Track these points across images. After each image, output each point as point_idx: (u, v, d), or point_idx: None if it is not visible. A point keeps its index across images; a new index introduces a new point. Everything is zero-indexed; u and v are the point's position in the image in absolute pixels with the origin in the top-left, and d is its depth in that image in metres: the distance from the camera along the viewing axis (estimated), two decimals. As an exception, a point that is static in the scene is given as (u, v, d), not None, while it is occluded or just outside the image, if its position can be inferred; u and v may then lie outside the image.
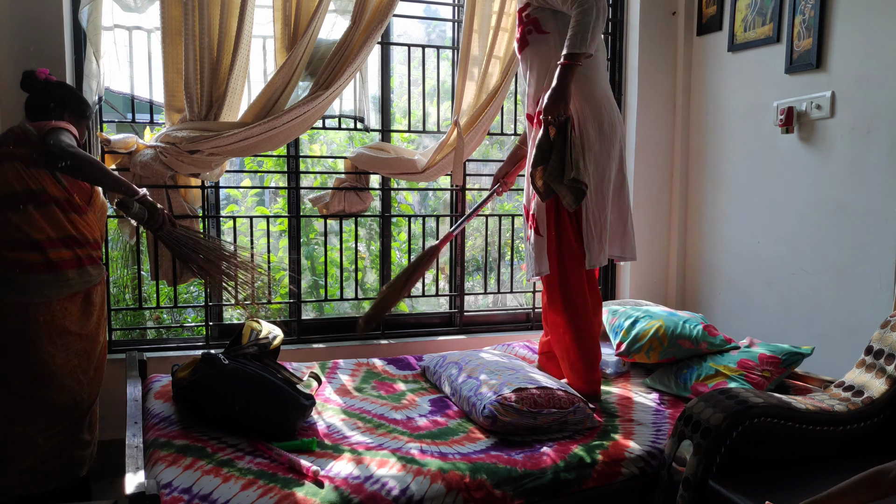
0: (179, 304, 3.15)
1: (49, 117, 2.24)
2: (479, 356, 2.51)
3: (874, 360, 1.99)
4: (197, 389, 1.98)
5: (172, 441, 1.89)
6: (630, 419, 2.23)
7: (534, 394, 2.10)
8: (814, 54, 2.70)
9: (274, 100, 2.66)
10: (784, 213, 2.89)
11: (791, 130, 2.81)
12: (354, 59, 2.72)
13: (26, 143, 2.16)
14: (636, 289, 3.49)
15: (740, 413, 1.75)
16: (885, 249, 2.46)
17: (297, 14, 2.70)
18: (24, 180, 2.12)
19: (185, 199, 2.88)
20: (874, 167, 2.51)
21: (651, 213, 3.49)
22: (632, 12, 3.42)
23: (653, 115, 3.44)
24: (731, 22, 3.12)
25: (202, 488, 1.65)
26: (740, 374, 2.36)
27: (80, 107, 2.35)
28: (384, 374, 2.60)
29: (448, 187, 3.40)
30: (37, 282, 2.10)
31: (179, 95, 2.63)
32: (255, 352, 2.13)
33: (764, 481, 1.72)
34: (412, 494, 1.70)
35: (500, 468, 1.83)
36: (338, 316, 3.38)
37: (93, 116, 2.43)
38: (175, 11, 2.55)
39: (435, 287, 3.56)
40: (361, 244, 3.96)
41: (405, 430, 2.09)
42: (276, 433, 1.94)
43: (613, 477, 1.91)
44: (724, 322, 3.16)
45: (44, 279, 2.11)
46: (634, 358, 2.63)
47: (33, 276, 2.10)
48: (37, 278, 2.10)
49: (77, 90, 2.46)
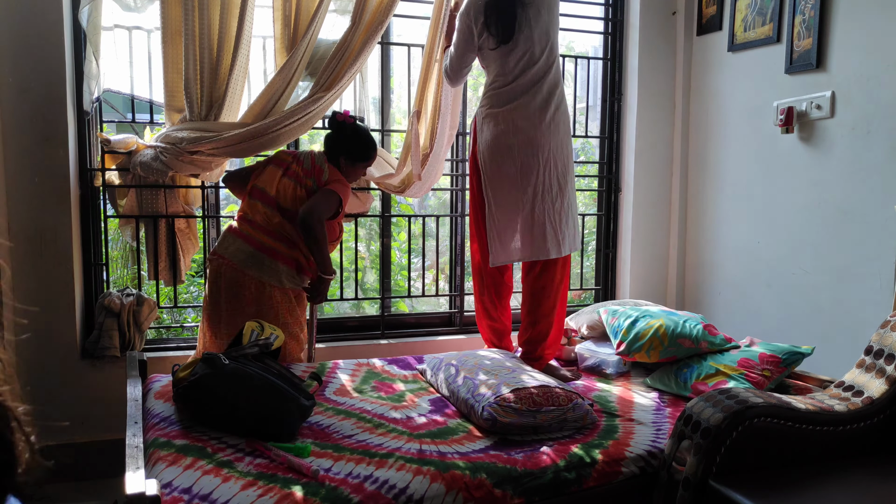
0: (179, 304, 3.15)
1: (338, 165, 2.63)
2: (477, 356, 2.51)
3: (874, 360, 1.99)
4: (197, 389, 1.97)
5: (172, 441, 1.89)
6: (630, 418, 2.23)
7: (532, 392, 2.10)
8: (814, 54, 2.70)
9: (274, 100, 2.66)
10: (784, 213, 2.89)
11: (791, 130, 2.81)
12: (355, 60, 2.72)
13: (315, 178, 2.55)
14: (636, 289, 3.49)
15: (740, 413, 1.75)
16: (885, 249, 2.46)
17: (297, 14, 2.70)
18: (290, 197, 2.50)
19: (186, 200, 2.89)
20: (874, 167, 2.51)
21: (651, 213, 3.49)
22: (632, 12, 3.42)
23: (653, 115, 3.44)
24: (731, 22, 3.12)
25: (202, 488, 1.65)
26: (741, 373, 2.36)
27: (362, 155, 2.67)
28: (384, 374, 2.60)
29: (448, 187, 3.40)
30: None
31: (179, 95, 2.63)
32: (255, 352, 2.13)
33: (764, 481, 1.72)
34: (412, 494, 1.70)
35: (500, 467, 1.83)
36: (338, 316, 3.38)
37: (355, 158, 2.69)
38: (175, 11, 2.55)
39: (435, 287, 3.56)
40: (361, 244, 3.96)
41: (405, 429, 2.09)
42: (277, 433, 1.94)
43: (614, 476, 1.91)
44: (724, 322, 3.15)
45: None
46: (635, 357, 2.63)
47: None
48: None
49: (366, 135, 2.69)
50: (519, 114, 2.59)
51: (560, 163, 2.64)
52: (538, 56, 2.59)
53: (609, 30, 3.51)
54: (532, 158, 2.59)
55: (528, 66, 2.59)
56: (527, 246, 2.63)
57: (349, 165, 2.65)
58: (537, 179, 2.60)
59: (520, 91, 2.59)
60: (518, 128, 2.59)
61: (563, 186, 2.66)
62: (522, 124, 2.58)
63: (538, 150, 2.59)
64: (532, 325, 2.72)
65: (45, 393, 2.66)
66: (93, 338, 2.69)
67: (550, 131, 2.60)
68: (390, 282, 3.33)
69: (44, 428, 2.20)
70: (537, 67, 2.59)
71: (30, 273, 2.60)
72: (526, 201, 2.61)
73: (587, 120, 3.78)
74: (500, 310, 2.86)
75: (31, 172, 2.57)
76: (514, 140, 2.59)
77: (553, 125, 2.61)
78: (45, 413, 2.81)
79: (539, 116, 2.59)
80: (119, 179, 2.76)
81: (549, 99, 2.61)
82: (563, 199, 2.66)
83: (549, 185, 2.62)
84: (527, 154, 2.59)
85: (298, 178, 2.54)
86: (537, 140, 2.59)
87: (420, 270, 3.69)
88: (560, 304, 2.76)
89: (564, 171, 2.66)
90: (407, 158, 2.91)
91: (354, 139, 2.65)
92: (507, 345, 2.88)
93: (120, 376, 2.67)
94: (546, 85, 2.61)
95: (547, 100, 2.61)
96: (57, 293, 2.64)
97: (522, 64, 2.59)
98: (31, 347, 2.63)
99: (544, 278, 2.70)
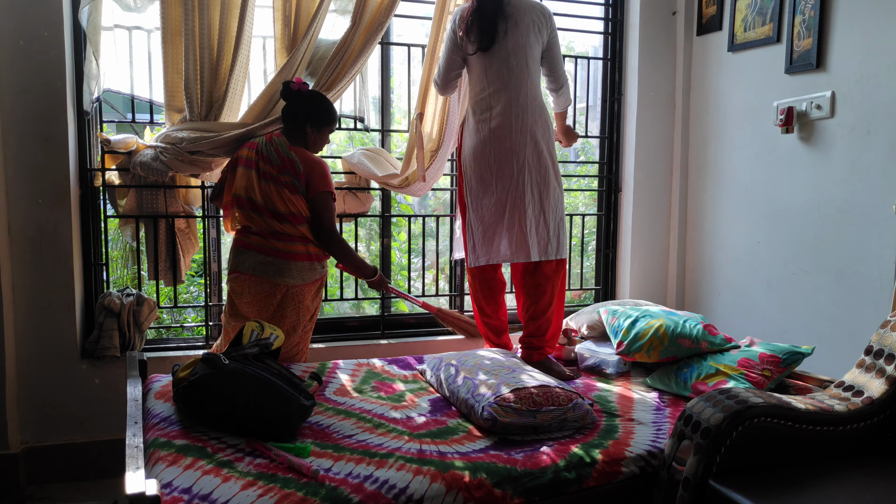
0: (179, 304, 3.16)
1: (304, 137, 2.55)
2: (477, 355, 2.51)
3: (874, 360, 1.99)
4: (197, 389, 1.97)
5: (172, 441, 1.89)
6: (630, 418, 2.23)
7: (532, 392, 2.10)
8: (814, 54, 2.70)
9: (274, 101, 2.66)
10: (784, 214, 2.89)
11: (791, 130, 2.81)
12: (355, 61, 2.72)
13: (291, 173, 2.48)
14: (636, 289, 3.49)
15: (740, 413, 1.75)
16: (885, 249, 2.46)
17: (298, 14, 2.70)
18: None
19: (185, 200, 2.89)
20: (874, 167, 2.51)
21: (651, 213, 3.49)
22: (632, 12, 3.42)
23: (653, 115, 3.44)
24: (731, 22, 3.12)
25: (202, 488, 1.65)
26: (741, 372, 2.36)
27: (327, 118, 2.59)
28: (384, 375, 2.60)
29: (448, 187, 3.40)
30: None
31: (179, 95, 2.63)
32: (255, 352, 2.13)
33: (764, 481, 1.72)
34: (412, 494, 1.70)
35: (500, 467, 1.83)
36: (338, 316, 3.38)
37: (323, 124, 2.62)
38: (175, 11, 2.55)
39: (435, 287, 3.56)
40: (361, 244, 3.96)
41: (405, 429, 2.09)
42: (277, 433, 1.94)
43: (614, 476, 1.91)
44: (724, 322, 3.15)
45: None
46: (635, 357, 2.63)
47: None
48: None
49: (326, 98, 2.61)
50: (496, 122, 2.67)
51: (536, 171, 2.70)
52: (515, 67, 2.66)
53: (609, 30, 3.51)
54: (507, 166, 2.67)
55: (505, 76, 2.66)
56: (505, 249, 2.72)
57: (316, 132, 2.57)
58: (513, 186, 2.68)
59: (496, 100, 2.67)
60: (495, 136, 2.67)
61: (542, 193, 2.71)
62: (499, 133, 2.67)
63: (513, 158, 2.67)
64: (531, 321, 2.78)
65: (45, 393, 2.66)
66: (93, 338, 2.69)
67: (526, 141, 2.67)
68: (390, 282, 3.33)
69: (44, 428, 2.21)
70: (514, 78, 2.66)
71: (30, 273, 2.60)
72: (502, 208, 2.70)
73: (587, 120, 3.78)
74: (495, 306, 2.91)
75: (31, 172, 2.57)
76: (490, 148, 2.69)
77: (530, 135, 2.67)
78: (45, 413, 2.83)
79: (515, 125, 2.66)
80: (119, 179, 2.76)
81: (526, 108, 2.67)
82: (542, 206, 2.71)
83: (524, 192, 2.68)
84: (502, 161, 2.68)
85: (275, 179, 2.48)
86: (513, 149, 2.67)
87: (420, 270, 3.69)
88: (558, 300, 2.82)
89: (543, 180, 2.71)
90: (411, 159, 2.92)
91: (316, 103, 2.57)
92: (505, 341, 2.93)
93: (120, 376, 2.67)
94: (522, 96, 2.67)
95: (523, 108, 2.66)
96: (57, 293, 2.64)
97: (500, 73, 2.66)
98: (31, 347, 2.63)
99: (538, 276, 2.77)
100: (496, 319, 2.92)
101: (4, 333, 2.55)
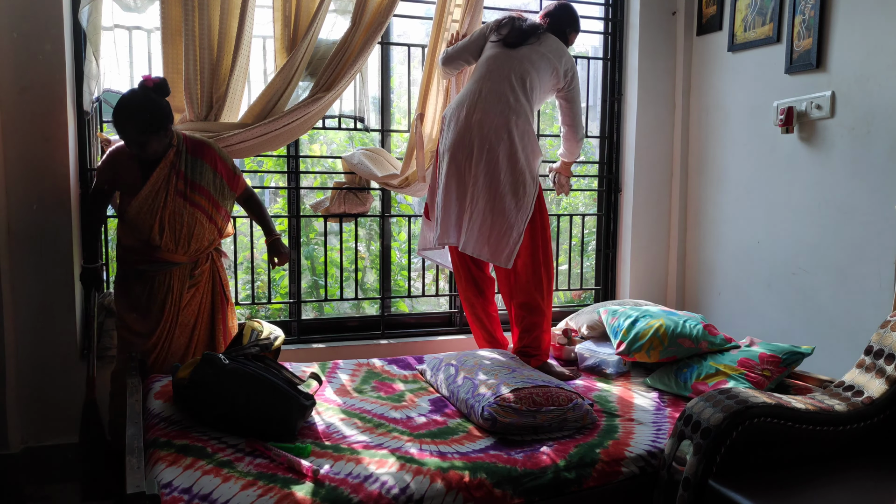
0: (179, 304, 3.15)
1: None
2: (477, 356, 2.51)
3: (874, 360, 1.99)
4: (197, 389, 1.98)
5: (172, 441, 1.89)
6: (630, 418, 2.23)
7: (532, 392, 2.10)
8: (814, 54, 2.70)
9: (274, 101, 2.66)
10: (784, 214, 2.89)
11: (791, 130, 2.81)
12: (355, 61, 2.72)
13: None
14: (636, 289, 3.49)
15: (740, 413, 1.75)
16: (885, 249, 2.46)
17: (297, 15, 2.70)
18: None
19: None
20: (874, 167, 2.51)
21: (651, 213, 3.49)
22: (632, 12, 3.42)
23: (653, 115, 3.44)
24: (731, 22, 3.12)
25: (202, 488, 1.65)
26: (741, 373, 2.36)
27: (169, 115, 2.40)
28: (384, 375, 2.60)
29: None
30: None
31: (179, 96, 2.63)
32: (255, 352, 2.14)
33: (764, 481, 1.72)
34: (412, 494, 1.70)
35: (500, 467, 1.83)
36: (338, 316, 3.38)
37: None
38: (175, 11, 2.55)
39: (435, 287, 3.56)
40: (361, 244, 3.96)
41: (405, 429, 2.09)
42: (277, 433, 1.94)
43: (614, 476, 1.91)
44: (724, 322, 3.15)
45: None
46: (635, 357, 2.64)
47: None
48: None
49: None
50: (481, 107, 2.65)
51: (494, 187, 2.62)
52: (517, 71, 2.67)
53: (609, 30, 3.51)
54: (466, 165, 2.66)
55: (506, 74, 2.66)
56: (461, 238, 2.68)
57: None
58: (472, 188, 2.65)
59: (488, 89, 2.66)
60: (476, 121, 2.64)
61: (495, 206, 2.63)
62: (481, 118, 2.64)
63: (485, 146, 2.63)
64: (521, 318, 2.75)
65: (45, 393, 2.66)
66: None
67: (502, 137, 2.62)
68: (390, 282, 3.33)
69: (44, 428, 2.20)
70: (513, 79, 2.66)
71: (30, 273, 2.60)
72: (460, 201, 2.68)
73: (587, 120, 3.77)
74: (484, 303, 2.90)
75: (32, 172, 2.57)
76: (466, 130, 2.66)
77: (507, 132, 2.63)
78: (45, 413, 2.83)
79: (498, 119, 2.63)
80: (119, 179, 2.75)
81: (511, 111, 2.64)
82: (492, 217, 2.63)
83: (478, 199, 2.64)
84: (464, 161, 2.67)
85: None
86: (489, 138, 2.63)
87: (420, 270, 3.69)
88: (546, 285, 2.76)
89: (498, 195, 2.63)
90: (411, 159, 2.91)
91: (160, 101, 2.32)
92: (498, 337, 2.91)
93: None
94: (513, 99, 2.65)
95: (513, 110, 2.64)
96: (57, 293, 2.64)
97: (503, 69, 2.67)
98: (31, 347, 2.63)
99: (517, 263, 2.72)
100: (485, 314, 2.91)
101: (5, 333, 2.55)
